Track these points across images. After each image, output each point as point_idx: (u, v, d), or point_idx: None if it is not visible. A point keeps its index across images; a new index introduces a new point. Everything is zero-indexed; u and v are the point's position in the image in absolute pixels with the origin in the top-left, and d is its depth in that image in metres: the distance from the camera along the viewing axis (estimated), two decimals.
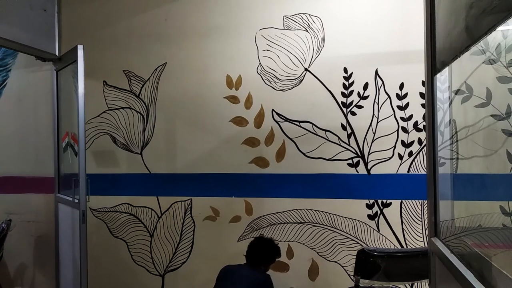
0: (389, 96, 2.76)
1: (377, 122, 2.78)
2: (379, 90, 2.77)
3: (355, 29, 2.79)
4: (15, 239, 3.40)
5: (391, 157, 2.76)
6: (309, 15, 2.86)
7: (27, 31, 2.91)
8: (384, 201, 2.77)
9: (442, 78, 1.49)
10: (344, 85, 2.82)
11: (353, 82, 2.81)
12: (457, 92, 1.54)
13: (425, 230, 2.72)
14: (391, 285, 2.47)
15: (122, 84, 3.20)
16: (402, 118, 2.75)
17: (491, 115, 1.45)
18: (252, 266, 2.31)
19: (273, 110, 2.93)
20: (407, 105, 2.74)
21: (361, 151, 2.80)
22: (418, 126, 2.73)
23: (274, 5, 2.91)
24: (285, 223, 2.91)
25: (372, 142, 2.78)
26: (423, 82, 2.54)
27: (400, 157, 2.75)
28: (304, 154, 2.87)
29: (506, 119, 1.38)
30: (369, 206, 2.79)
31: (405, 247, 2.74)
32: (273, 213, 2.93)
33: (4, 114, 3.48)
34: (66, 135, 3.14)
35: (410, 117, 2.74)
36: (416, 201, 2.74)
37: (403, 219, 2.75)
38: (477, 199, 1.47)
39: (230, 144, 2.99)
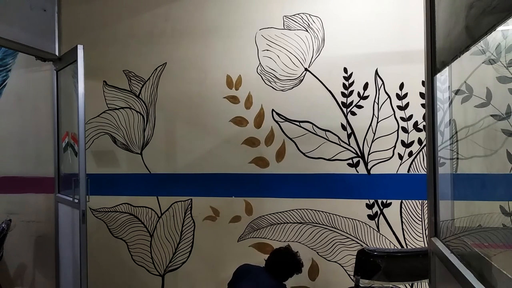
0: (389, 96, 2.76)
1: (377, 122, 2.78)
2: (379, 90, 2.77)
3: (355, 29, 2.79)
4: (15, 239, 3.40)
5: (391, 157, 2.76)
6: (309, 15, 2.86)
7: (27, 31, 2.91)
8: (384, 201, 2.77)
9: (442, 78, 1.49)
10: (344, 85, 2.82)
11: (353, 82, 2.81)
12: (457, 92, 1.54)
13: (425, 230, 2.72)
14: (391, 285, 2.47)
15: (122, 84, 3.20)
16: (402, 118, 2.75)
17: (491, 115, 1.45)
18: (270, 273, 2.25)
19: (273, 110, 2.93)
20: (407, 105, 2.74)
21: (361, 151, 2.80)
22: (418, 126, 2.73)
23: (274, 5, 2.91)
24: (285, 223, 2.91)
25: (372, 142, 2.78)
26: (423, 82, 2.54)
27: (400, 157, 2.75)
28: (304, 154, 2.87)
29: (506, 119, 1.38)
30: (369, 206, 2.79)
31: (405, 247, 2.74)
32: (273, 213, 2.93)
33: (4, 114, 3.48)
34: (66, 135, 3.14)
35: (410, 117, 2.74)
36: (416, 201, 2.74)
37: (403, 219, 2.75)
38: (477, 199, 1.47)
39: (230, 144, 2.99)
